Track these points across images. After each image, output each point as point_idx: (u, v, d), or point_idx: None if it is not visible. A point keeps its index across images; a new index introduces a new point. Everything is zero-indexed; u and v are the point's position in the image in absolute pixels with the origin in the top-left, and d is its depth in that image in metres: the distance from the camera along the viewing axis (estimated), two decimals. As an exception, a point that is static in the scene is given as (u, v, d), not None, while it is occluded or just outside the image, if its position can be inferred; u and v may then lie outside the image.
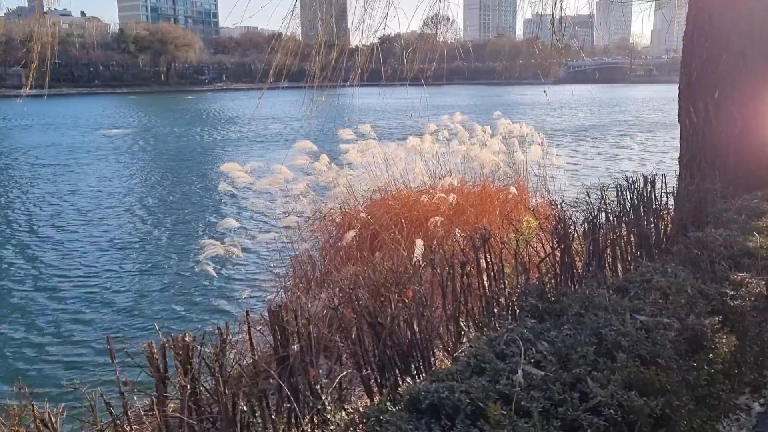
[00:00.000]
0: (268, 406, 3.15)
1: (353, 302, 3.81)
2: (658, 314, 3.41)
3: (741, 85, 7.52)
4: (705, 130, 7.67)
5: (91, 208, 24.36)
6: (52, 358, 11.12)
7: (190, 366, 2.90)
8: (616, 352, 3.00)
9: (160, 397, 2.94)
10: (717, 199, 6.40)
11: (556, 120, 54.12)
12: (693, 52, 7.81)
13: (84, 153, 41.51)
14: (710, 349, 3.31)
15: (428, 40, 10.43)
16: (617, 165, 31.84)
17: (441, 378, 2.74)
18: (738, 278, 4.13)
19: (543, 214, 8.80)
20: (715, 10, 7.56)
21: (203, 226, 21.22)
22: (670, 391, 2.91)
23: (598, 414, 2.54)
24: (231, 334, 3.09)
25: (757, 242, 4.76)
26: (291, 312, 3.32)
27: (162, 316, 12.98)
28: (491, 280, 4.59)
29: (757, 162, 7.49)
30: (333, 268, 9.67)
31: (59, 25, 15.45)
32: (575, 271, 4.96)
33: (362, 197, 11.67)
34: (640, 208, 5.94)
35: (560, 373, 2.74)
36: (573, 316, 3.40)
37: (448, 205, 10.45)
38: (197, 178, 31.66)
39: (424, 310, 3.96)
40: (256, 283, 13.84)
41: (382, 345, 3.70)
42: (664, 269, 4.17)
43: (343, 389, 3.40)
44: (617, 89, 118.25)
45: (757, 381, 4.32)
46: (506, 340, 2.99)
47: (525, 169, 12.79)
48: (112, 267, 16.58)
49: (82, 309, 13.51)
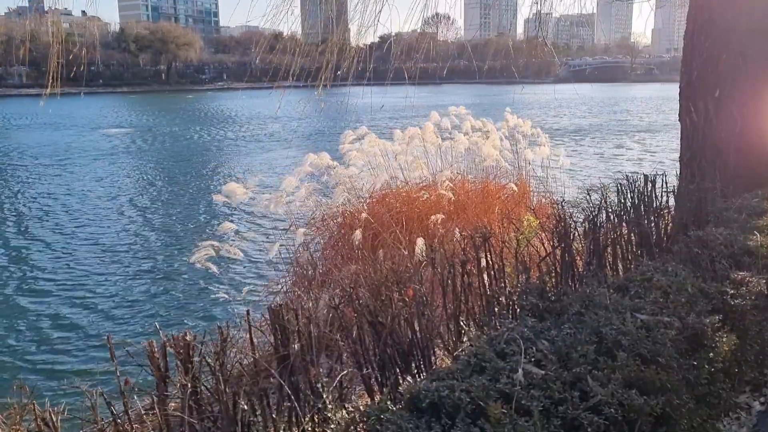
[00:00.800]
0: (268, 405, 3.15)
1: (354, 301, 3.82)
2: (659, 313, 3.41)
3: (741, 84, 7.52)
4: (705, 129, 7.67)
5: (90, 207, 24.38)
6: (53, 358, 11.14)
7: (191, 365, 2.90)
8: (616, 351, 3.00)
9: (161, 396, 2.94)
10: (717, 198, 6.41)
11: (555, 119, 54.12)
12: (693, 51, 7.81)
13: (83, 152, 41.53)
14: (710, 348, 3.31)
15: (428, 39, 10.42)
16: (617, 164, 31.87)
17: (441, 377, 2.74)
18: (738, 277, 4.13)
19: (543, 213, 8.81)
20: (715, 9, 7.56)
21: (203, 225, 21.24)
22: (670, 389, 2.91)
23: (599, 413, 2.54)
24: (232, 334, 3.09)
25: (757, 241, 4.76)
26: (291, 311, 3.33)
27: (162, 316, 13.00)
28: (492, 279, 4.60)
29: (758, 161, 7.49)
30: (334, 267, 9.68)
31: (60, 24, 15.55)
32: (576, 270, 4.96)
33: (363, 196, 11.66)
34: (640, 207, 5.94)
35: (560, 372, 2.74)
36: (573, 315, 3.40)
37: (448, 201, 10.45)
38: (198, 178, 31.71)
39: (425, 309, 3.96)
40: (257, 283, 13.85)
41: (383, 344, 3.70)
42: (664, 268, 4.18)
43: (344, 388, 3.41)
44: (618, 88, 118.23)
45: (758, 380, 4.32)
46: (506, 339, 3.00)
47: (527, 166, 12.79)
48: (110, 267, 16.59)
49: (82, 309, 13.53)
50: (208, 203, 25.15)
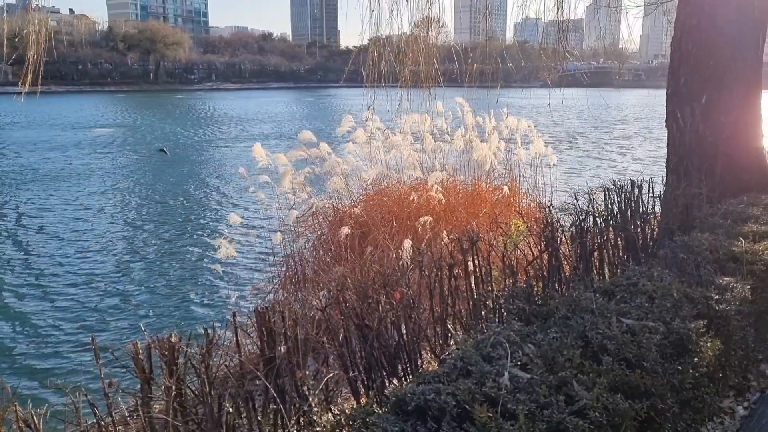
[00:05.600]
0: (254, 407, 3.14)
1: (340, 304, 3.81)
2: (644, 318, 3.43)
3: (728, 90, 7.58)
4: (692, 134, 7.73)
5: (75, 208, 24.10)
6: (36, 359, 11.01)
7: (176, 367, 2.88)
8: (602, 355, 3.01)
9: (145, 398, 2.91)
10: (703, 204, 6.46)
11: (545, 123, 54.29)
12: (680, 57, 7.87)
13: (70, 151, 41.17)
14: (695, 353, 3.33)
15: (418, 42, 10.42)
16: (606, 169, 32.04)
17: (427, 380, 2.74)
18: (723, 282, 4.16)
19: (532, 216, 8.84)
20: (702, 16, 7.62)
21: (194, 225, 21.14)
22: (655, 394, 2.92)
23: (584, 417, 2.55)
24: (218, 335, 3.07)
25: (742, 247, 4.80)
26: (278, 313, 3.31)
27: (150, 317, 12.90)
28: (479, 282, 4.61)
29: (744, 167, 7.56)
30: (324, 267, 9.67)
31: (48, 22, 15.34)
32: (563, 274, 4.98)
33: (356, 192, 11.68)
34: (627, 212, 5.97)
35: (546, 375, 2.74)
36: (560, 319, 3.41)
37: (438, 203, 10.47)
38: (187, 178, 31.52)
39: (412, 312, 3.96)
40: (246, 283, 13.80)
41: (369, 347, 3.70)
42: (650, 273, 4.20)
43: (330, 391, 3.40)
44: (606, 93, 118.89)
45: (741, 384, 4.36)
46: (493, 343, 3.00)
47: (519, 166, 12.82)
48: (96, 267, 16.42)
49: (67, 310, 13.38)
50: (199, 202, 25.07)
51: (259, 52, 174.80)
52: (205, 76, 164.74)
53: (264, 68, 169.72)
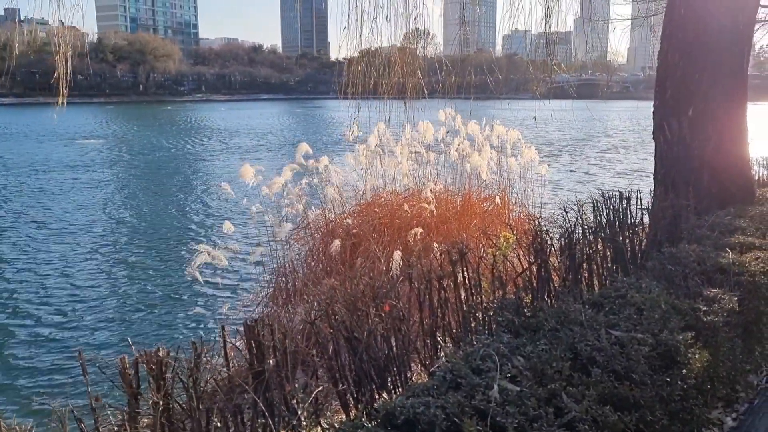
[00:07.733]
0: (242, 421, 3.11)
1: (330, 316, 3.80)
2: (633, 329, 3.44)
3: (715, 102, 7.64)
4: (679, 146, 7.79)
5: (61, 220, 23.93)
6: (21, 374, 10.87)
7: (164, 381, 2.86)
8: (591, 367, 3.02)
9: (132, 413, 2.89)
10: (691, 215, 6.50)
11: (534, 135, 54.58)
12: (667, 70, 7.94)
13: (57, 163, 40.93)
14: (683, 365, 3.34)
15: (407, 54, 10.47)
16: (594, 180, 32.21)
17: (417, 393, 2.73)
18: (711, 294, 4.19)
19: (521, 228, 8.86)
20: (689, 28, 7.69)
21: (182, 237, 21.00)
22: (643, 406, 2.93)
23: (573, 429, 2.55)
24: (206, 349, 3.05)
25: (729, 258, 4.83)
26: (267, 326, 3.30)
27: (138, 330, 12.78)
28: (468, 294, 4.61)
29: (731, 178, 7.62)
30: (314, 279, 9.65)
31: (36, 33, 15.29)
32: (552, 285, 4.99)
33: (349, 203, 11.71)
34: (615, 223, 6.00)
35: (536, 388, 2.74)
36: (549, 331, 3.41)
37: (429, 213, 10.50)
38: (176, 190, 31.40)
39: (401, 325, 3.95)
40: (236, 295, 13.71)
41: (359, 359, 3.68)
42: (638, 285, 4.21)
43: (319, 404, 3.38)
44: (594, 105, 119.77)
45: (730, 396, 4.38)
46: (482, 355, 2.99)
47: (509, 175, 12.89)
48: (84, 281, 16.27)
49: (52, 325, 13.24)
50: (187, 214, 24.96)
51: (249, 63, 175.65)
52: (195, 87, 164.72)
53: (254, 80, 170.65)
